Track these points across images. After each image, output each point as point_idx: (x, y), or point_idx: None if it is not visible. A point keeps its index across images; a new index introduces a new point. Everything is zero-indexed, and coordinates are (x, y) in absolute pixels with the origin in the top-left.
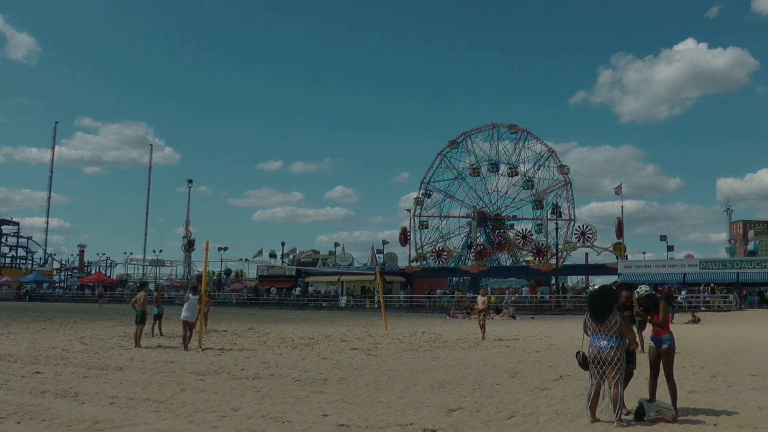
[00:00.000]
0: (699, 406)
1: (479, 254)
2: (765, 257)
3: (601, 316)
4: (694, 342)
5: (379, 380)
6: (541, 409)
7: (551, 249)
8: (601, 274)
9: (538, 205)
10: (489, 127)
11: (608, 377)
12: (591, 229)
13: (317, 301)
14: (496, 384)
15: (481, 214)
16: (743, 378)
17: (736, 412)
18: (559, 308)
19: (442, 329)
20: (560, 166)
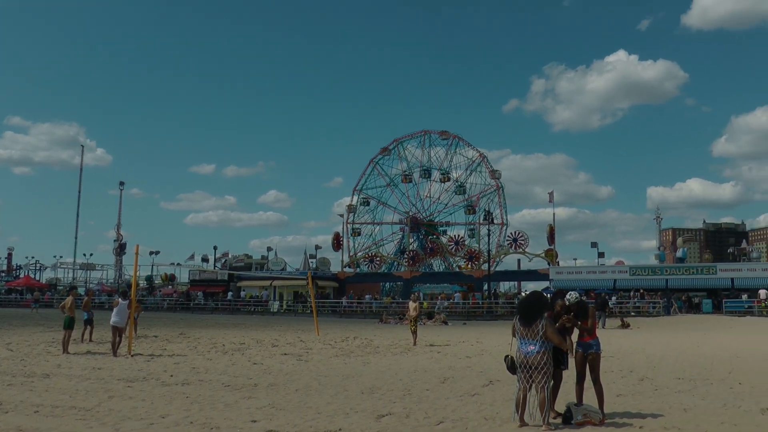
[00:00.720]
0: (626, 409)
1: (412, 260)
2: (693, 264)
3: (529, 320)
4: (623, 346)
5: (309, 386)
6: (470, 414)
7: (483, 255)
8: (532, 280)
9: (471, 210)
10: (421, 133)
11: (536, 382)
12: (523, 235)
13: (249, 306)
14: (426, 389)
15: (414, 220)
16: (669, 381)
17: (662, 415)
18: (491, 314)
19: (374, 335)
20: (492, 171)
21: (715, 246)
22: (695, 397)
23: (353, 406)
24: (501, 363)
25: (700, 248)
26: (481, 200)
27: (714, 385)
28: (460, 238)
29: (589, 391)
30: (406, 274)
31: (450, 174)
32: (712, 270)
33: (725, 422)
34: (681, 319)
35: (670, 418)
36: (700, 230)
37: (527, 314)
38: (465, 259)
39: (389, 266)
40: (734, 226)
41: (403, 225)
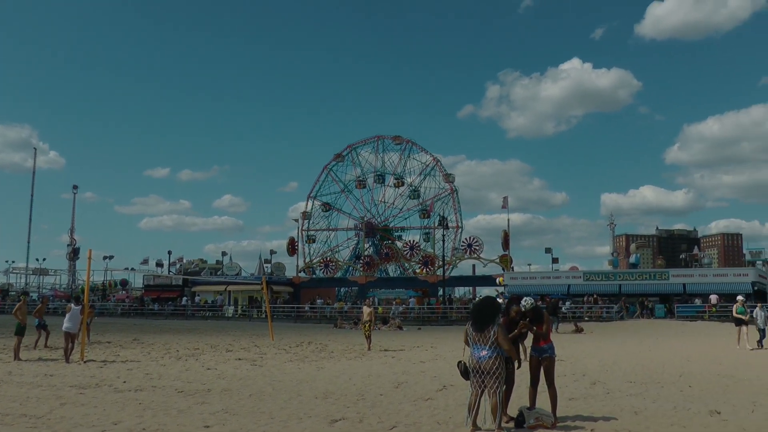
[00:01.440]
0: (578, 412)
1: (367, 265)
2: (646, 270)
3: (481, 325)
4: (576, 351)
5: (263, 391)
6: (423, 419)
7: (438, 260)
8: (487, 285)
9: (425, 214)
10: (374, 139)
11: (489, 387)
12: (478, 241)
13: (204, 311)
14: (380, 394)
15: (369, 225)
16: (621, 385)
17: (614, 418)
18: (445, 319)
19: (328, 339)
20: (446, 174)
21: (668, 252)
22: (646, 400)
23: (307, 411)
24: (455, 368)
25: (653, 254)
26: (436, 204)
27: (665, 388)
28: (415, 243)
29: (543, 394)
30: (361, 279)
31: (404, 179)
32: (664, 276)
33: (675, 424)
34: (634, 324)
35: (622, 421)
36: (653, 236)
37: (480, 319)
38: (420, 264)
39: (344, 271)
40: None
41: (359, 230)
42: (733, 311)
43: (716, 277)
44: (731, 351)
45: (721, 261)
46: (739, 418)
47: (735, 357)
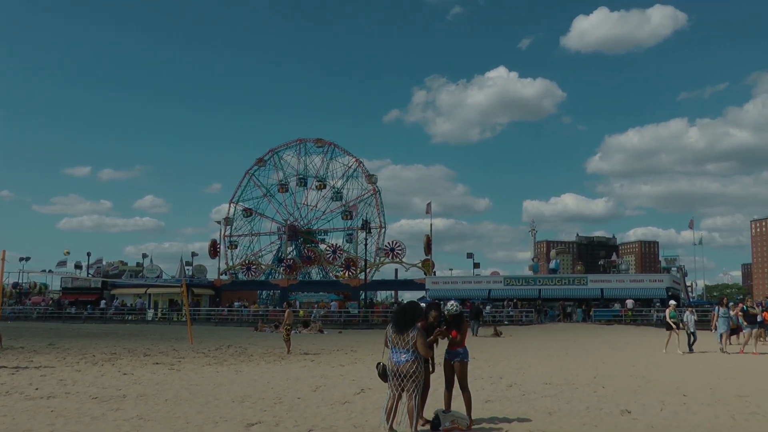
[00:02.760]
0: (494, 414)
1: (289, 268)
2: (565, 275)
3: (402, 329)
4: (494, 354)
5: (179, 395)
6: (339, 422)
7: (360, 264)
8: (409, 289)
9: (348, 215)
10: (296, 142)
11: (407, 390)
12: (400, 245)
13: (123, 314)
14: (297, 398)
15: (292, 228)
16: (537, 387)
17: (528, 419)
18: (366, 322)
19: (248, 343)
20: (368, 175)
21: (587, 258)
22: (560, 401)
23: (223, 415)
24: (373, 371)
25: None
26: (359, 205)
27: (579, 389)
28: (337, 247)
29: (459, 398)
30: (282, 282)
31: (326, 181)
32: (583, 281)
33: (587, 424)
34: (552, 328)
35: (536, 422)
36: (573, 243)
37: (401, 323)
38: (342, 268)
39: (267, 274)
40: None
41: (281, 233)
42: (666, 315)
43: (633, 283)
44: (644, 353)
45: (638, 267)
46: (648, 417)
47: (647, 359)
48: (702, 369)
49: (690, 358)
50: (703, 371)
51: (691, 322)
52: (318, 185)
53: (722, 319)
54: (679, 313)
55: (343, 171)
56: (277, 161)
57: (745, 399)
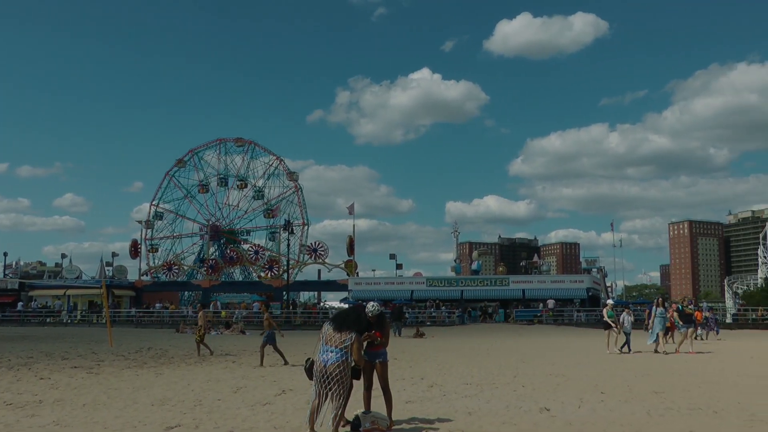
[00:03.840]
0: (414, 414)
1: (211, 268)
2: (487, 276)
3: (341, 326)
4: (416, 355)
5: (97, 400)
6: (260, 424)
7: (283, 264)
8: (332, 290)
9: (270, 213)
10: (216, 142)
11: (331, 391)
12: (323, 245)
13: (41, 317)
14: (218, 399)
15: (214, 228)
16: (458, 387)
17: (449, 419)
18: (289, 324)
19: (169, 345)
20: (290, 173)
21: (509, 259)
22: (480, 401)
23: (142, 419)
24: (295, 372)
25: (495, 261)
26: (281, 203)
27: (499, 388)
28: (260, 247)
29: (379, 398)
30: (204, 283)
31: (247, 180)
32: (505, 282)
33: (506, 422)
34: (475, 328)
35: (456, 422)
36: (496, 244)
37: (342, 321)
38: (265, 269)
39: (189, 275)
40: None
41: (203, 234)
42: (604, 315)
43: (554, 284)
44: (564, 352)
45: (559, 268)
46: (566, 414)
47: (567, 358)
48: (620, 367)
49: (614, 357)
50: (622, 369)
51: (627, 323)
52: (239, 184)
53: (659, 318)
54: (616, 313)
55: (264, 169)
56: (197, 162)
57: (661, 395)
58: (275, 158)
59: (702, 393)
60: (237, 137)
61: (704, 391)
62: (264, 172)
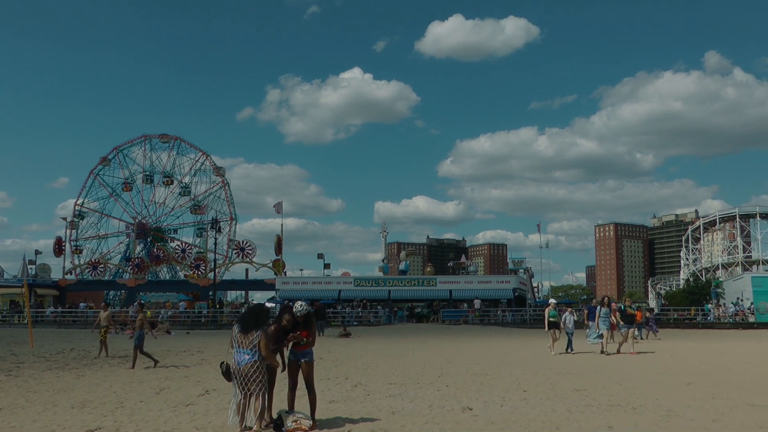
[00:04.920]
0: (338, 414)
1: (137, 267)
2: (415, 276)
3: (247, 327)
4: (342, 355)
5: (15, 403)
6: (182, 425)
7: (210, 263)
8: (260, 289)
9: (197, 209)
10: (141, 138)
11: (251, 390)
12: (251, 245)
13: None
14: (140, 401)
15: (141, 226)
16: (382, 386)
17: (372, 419)
18: (215, 323)
19: (92, 346)
20: (216, 168)
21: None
22: (404, 401)
23: (61, 422)
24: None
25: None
26: (209, 199)
27: (423, 388)
28: (187, 246)
29: (303, 398)
30: (130, 282)
31: (174, 177)
32: (432, 282)
33: (429, 422)
34: (401, 328)
35: (379, 422)
36: (424, 245)
37: (247, 322)
38: (192, 267)
39: (115, 274)
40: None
41: (130, 231)
42: (546, 315)
43: (481, 284)
44: (489, 352)
45: (486, 269)
46: (488, 413)
47: (491, 356)
48: (544, 366)
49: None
50: (545, 368)
51: (570, 323)
52: (165, 181)
53: (603, 319)
54: (559, 313)
55: (190, 165)
56: (123, 159)
57: (582, 393)
58: (202, 154)
59: (622, 390)
60: (162, 133)
61: (624, 388)
62: (190, 168)
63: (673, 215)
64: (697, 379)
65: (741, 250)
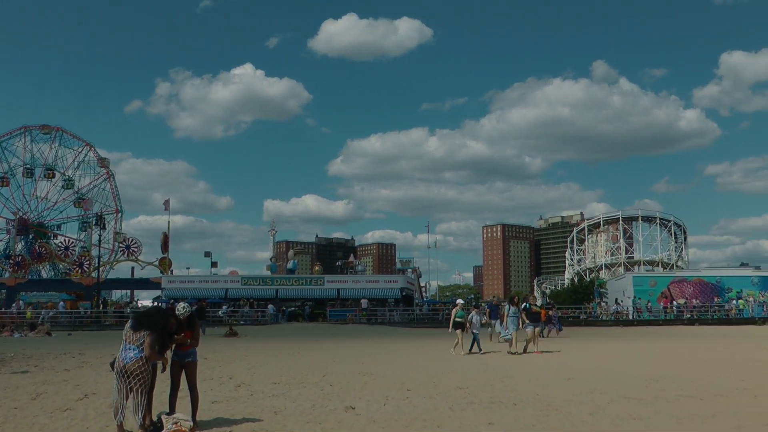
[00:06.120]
0: (220, 415)
1: (17, 265)
2: (303, 275)
3: (138, 325)
4: (227, 354)
5: None
6: (59, 431)
7: (94, 260)
8: (145, 288)
9: (80, 203)
10: (20, 130)
11: (133, 388)
12: (137, 242)
13: None
14: (14, 408)
15: (22, 222)
16: (266, 386)
17: (255, 419)
18: (98, 324)
19: None
20: (100, 159)
21: (326, 259)
22: (287, 400)
23: None
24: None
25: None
26: (93, 191)
27: (307, 387)
28: (70, 243)
29: (186, 399)
30: (10, 281)
31: (56, 169)
32: (320, 281)
33: (311, 422)
34: (289, 327)
35: (262, 423)
36: (313, 244)
37: (141, 321)
38: (75, 265)
39: None
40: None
41: (10, 227)
42: (453, 315)
43: (369, 284)
44: (374, 351)
45: (375, 269)
46: (370, 412)
47: (376, 356)
48: (427, 365)
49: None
50: (428, 367)
51: (477, 323)
52: (47, 174)
53: (512, 318)
54: (466, 313)
55: (73, 157)
56: (1, 152)
57: (465, 390)
58: (86, 145)
59: (504, 387)
60: (43, 124)
61: (506, 385)
62: (74, 160)
63: (559, 217)
64: (576, 374)
65: (623, 251)
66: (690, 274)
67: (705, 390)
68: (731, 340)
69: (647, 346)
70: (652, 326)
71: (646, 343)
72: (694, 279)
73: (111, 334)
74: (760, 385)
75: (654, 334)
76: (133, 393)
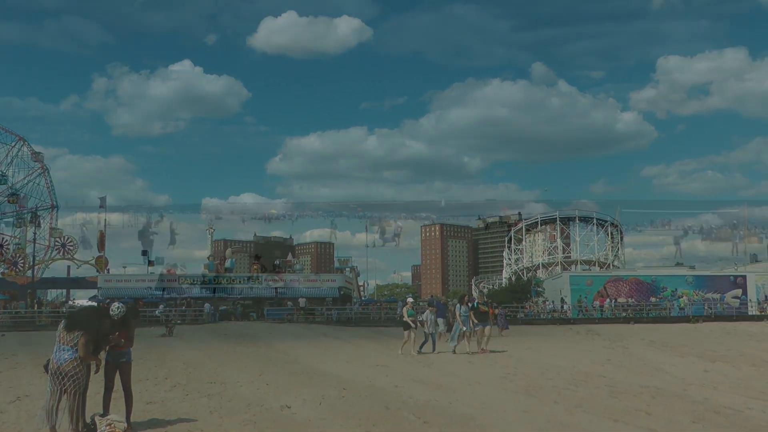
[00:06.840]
0: (155, 416)
1: None
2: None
3: (72, 325)
4: (163, 353)
5: None
6: None
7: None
8: (82, 287)
9: (13, 198)
10: None
11: (66, 389)
12: (72, 241)
13: None
14: None
15: None
16: (202, 386)
17: (190, 419)
18: (33, 324)
19: None
20: (34, 153)
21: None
22: (223, 400)
23: None
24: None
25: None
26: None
27: (243, 386)
28: (4, 241)
29: (120, 400)
30: None
31: None
32: (258, 280)
33: (247, 421)
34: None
35: (197, 422)
36: (251, 242)
37: (74, 320)
38: (9, 264)
39: None
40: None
41: None
42: (403, 314)
43: (307, 282)
44: (311, 350)
45: (313, 267)
46: (306, 411)
47: (313, 355)
48: (364, 365)
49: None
50: (365, 367)
51: (430, 322)
52: None
53: (463, 317)
54: (417, 312)
55: (6, 152)
56: None
57: (400, 389)
58: (18, 139)
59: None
60: None
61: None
62: (7, 155)
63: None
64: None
65: (561, 251)
66: (626, 274)
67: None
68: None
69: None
70: (589, 324)
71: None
72: (630, 278)
73: (45, 335)
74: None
75: (594, 332)
76: (66, 394)
